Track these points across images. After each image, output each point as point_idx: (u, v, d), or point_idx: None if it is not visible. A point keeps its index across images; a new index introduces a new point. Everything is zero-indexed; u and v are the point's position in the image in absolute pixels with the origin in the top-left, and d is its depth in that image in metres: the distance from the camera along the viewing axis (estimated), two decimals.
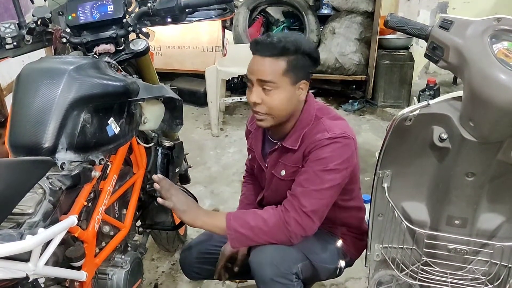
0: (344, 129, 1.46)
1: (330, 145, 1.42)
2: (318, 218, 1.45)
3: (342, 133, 1.44)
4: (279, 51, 1.40)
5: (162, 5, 1.47)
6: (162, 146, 1.73)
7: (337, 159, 1.42)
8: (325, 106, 1.59)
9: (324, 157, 1.42)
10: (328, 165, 1.42)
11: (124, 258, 1.46)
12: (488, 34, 1.08)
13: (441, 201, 1.34)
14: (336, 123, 1.48)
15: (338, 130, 1.44)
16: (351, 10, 3.96)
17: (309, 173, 1.44)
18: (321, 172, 1.42)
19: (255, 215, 1.46)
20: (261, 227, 1.44)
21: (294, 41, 1.41)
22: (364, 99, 4.15)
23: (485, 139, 1.16)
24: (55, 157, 1.17)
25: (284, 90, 1.42)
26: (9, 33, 1.43)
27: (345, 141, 1.43)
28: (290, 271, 1.46)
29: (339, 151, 1.43)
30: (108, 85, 1.28)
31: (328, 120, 1.49)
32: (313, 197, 1.42)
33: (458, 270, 1.40)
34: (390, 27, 1.24)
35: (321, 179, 1.43)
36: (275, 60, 1.40)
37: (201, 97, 4.01)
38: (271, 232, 1.43)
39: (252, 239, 1.45)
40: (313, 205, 1.42)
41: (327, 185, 1.43)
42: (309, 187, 1.43)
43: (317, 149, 1.43)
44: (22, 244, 0.95)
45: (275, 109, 1.44)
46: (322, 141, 1.43)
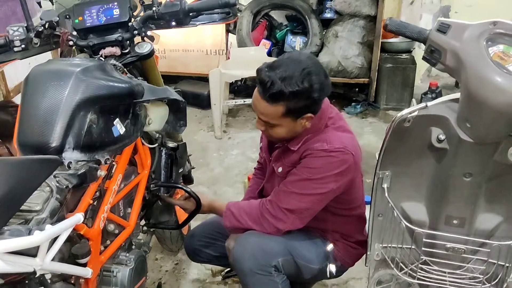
0: (345, 144, 1.46)
1: (324, 158, 1.45)
2: (294, 217, 1.50)
3: (341, 147, 1.45)
4: (275, 99, 1.38)
5: (166, 9, 1.50)
6: (166, 146, 1.76)
7: (325, 172, 1.45)
8: (338, 116, 1.58)
9: (314, 167, 1.46)
10: (315, 175, 1.46)
11: (128, 256, 1.49)
12: (484, 37, 1.10)
13: (440, 201, 1.36)
14: (339, 136, 1.49)
15: (337, 143, 1.45)
16: (354, 14, 3.99)
17: (296, 177, 1.49)
18: (306, 180, 1.47)
19: (246, 201, 1.62)
20: (245, 208, 1.58)
21: (297, 87, 1.35)
22: (366, 102, 4.17)
23: (482, 140, 1.18)
24: (62, 156, 1.20)
25: (285, 126, 1.45)
26: (18, 36, 1.46)
27: (341, 156, 1.45)
28: (269, 264, 1.51)
29: (330, 164, 1.45)
30: (114, 86, 1.31)
31: (333, 131, 1.50)
32: (292, 198, 1.49)
33: (457, 269, 1.42)
34: (390, 30, 1.27)
35: (304, 185, 1.47)
36: (272, 106, 1.40)
37: (205, 100, 4.05)
38: (250, 214, 1.55)
39: (236, 218, 1.58)
40: (290, 205, 1.49)
41: (309, 192, 1.48)
42: (291, 189, 1.49)
43: (310, 157, 1.47)
44: (30, 239, 0.98)
45: (277, 138, 1.52)
46: (318, 151, 1.46)
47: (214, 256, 1.82)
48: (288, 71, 1.36)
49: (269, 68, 1.39)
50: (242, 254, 1.52)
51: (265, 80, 1.37)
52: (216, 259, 1.84)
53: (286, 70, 1.37)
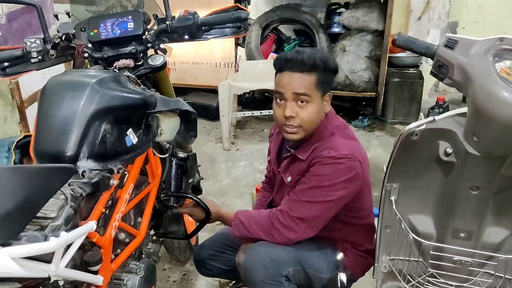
0: (352, 151, 1.49)
1: (332, 165, 1.47)
2: (306, 225, 1.51)
3: (348, 154, 1.48)
4: (310, 67, 1.48)
5: (180, 23, 1.53)
6: (177, 157, 1.78)
7: (334, 179, 1.47)
8: (344, 124, 1.62)
9: (323, 175, 1.48)
10: (324, 182, 1.48)
11: (138, 265, 1.50)
12: (491, 53, 1.13)
13: (447, 214, 1.37)
14: (346, 143, 1.52)
15: (345, 150, 1.48)
16: (361, 29, 4.03)
17: (306, 185, 1.51)
18: (315, 187, 1.49)
19: (256, 210, 1.63)
20: (255, 218, 1.59)
21: (321, 57, 1.49)
22: (374, 116, 4.19)
23: (489, 153, 1.20)
24: (77, 165, 1.22)
25: (316, 103, 1.50)
26: (35, 47, 1.49)
27: (348, 163, 1.47)
28: (280, 273, 1.52)
29: (339, 171, 1.47)
30: (128, 97, 1.34)
31: (340, 138, 1.53)
32: (302, 206, 1.51)
33: (464, 282, 1.43)
34: (398, 45, 1.30)
35: (314, 193, 1.49)
36: (308, 75, 1.48)
37: (213, 112, 4.09)
38: (260, 224, 1.57)
39: (246, 227, 1.59)
40: (300, 213, 1.51)
41: (318, 199, 1.49)
42: (301, 197, 1.51)
43: (319, 165, 1.49)
44: (46, 245, 1.00)
45: (307, 121, 1.51)
46: (326, 159, 1.48)
47: (222, 270, 1.83)
48: (309, 51, 1.52)
49: (296, 52, 1.52)
50: (253, 265, 1.53)
51: (295, 56, 1.49)
52: (225, 272, 1.85)
53: (307, 50, 1.52)
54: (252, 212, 1.65)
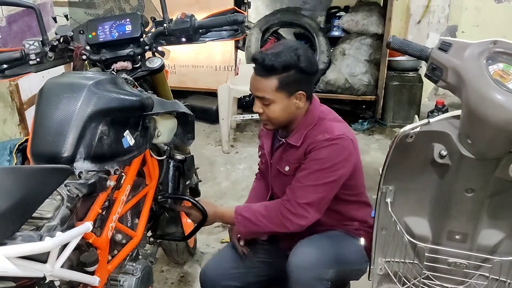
0: (343, 131, 1.57)
1: (328, 147, 1.54)
2: (314, 209, 1.57)
3: (341, 134, 1.55)
4: (268, 72, 1.51)
5: (177, 25, 1.55)
6: (174, 159, 1.79)
7: (333, 159, 1.54)
8: (328, 109, 1.68)
9: (322, 158, 1.55)
10: (324, 165, 1.54)
11: (135, 266, 1.50)
12: (484, 56, 1.14)
13: (442, 216, 1.38)
14: (336, 125, 1.59)
15: (337, 131, 1.55)
16: (361, 32, 4.04)
17: (307, 171, 1.56)
18: (318, 171, 1.55)
19: (259, 204, 1.67)
20: (261, 211, 1.62)
21: (285, 59, 1.50)
22: (373, 119, 4.19)
23: (483, 156, 1.21)
24: (73, 166, 1.23)
25: (280, 103, 1.55)
26: (33, 49, 1.50)
27: (342, 142, 1.55)
28: (325, 277, 1.57)
29: (336, 152, 1.54)
30: (125, 99, 1.35)
31: (329, 122, 1.60)
32: (308, 191, 1.56)
33: (459, 284, 1.43)
34: (392, 48, 1.31)
35: (317, 176, 1.55)
36: (267, 79, 1.52)
37: (213, 115, 4.09)
38: (269, 216, 1.60)
39: (253, 222, 1.62)
40: (308, 198, 1.55)
41: (322, 181, 1.55)
42: (305, 182, 1.56)
43: (316, 150, 1.55)
44: (41, 245, 1.01)
45: (273, 118, 1.58)
46: (322, 142, 1.55)
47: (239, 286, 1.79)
48: (277, 49, 1.53)
49: (261, 51, 1.56)
50: (299, 266, 1.56)
51: (258, 57, 1.52)
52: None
53: (276, 49, 1.54)
54: (255, 206, 1.67)
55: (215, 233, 2.62)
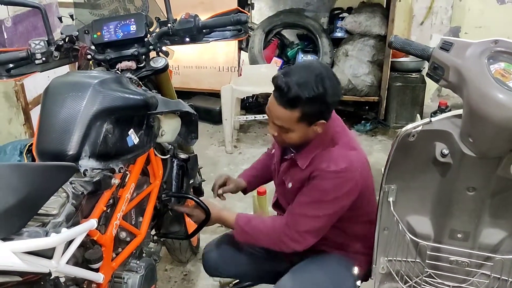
0: (351, 162, 1.49)
1: (332, 179, 1.48)
2: (311, 236, 1.55)
3: (346, 167, 1.48)
4: (292, 104, 1.42)
5: (181, 25, 1.56)
6: (178, 158, 1.80)
7: (336, 192, 1.49)
8: (344, 130, 1.60)
9: (324, 189, 1.50)
10: (326, 197, 1.50)
11: (139, 264, 1.52)
12: (485, 55, 1.15)
13: (444, 215, 1.39)
14: (345, 154, 1.51)
15: (343, 163, 1.48)
16: (364, 34, 4.05)
17: (308, 199, 1.53)
18: (319, 201, 1.51)
19: (260, 219, 1.65)
20: (260, 228, 1.62)
21: (312, 92, 1.40)
22: (376, 120, 4.20)
23: (484, 154, 1.22)
24: (79, 164, 1.24)
25: (299, 132, 1.48)
26: (39, 49, 1.52)
27: (347, 176, 1.48)
28: None
29: (339, 185, 1.49)
30: (130, 98, 1.36)
31: (339, 149, 1.52)
32: (308, 220, 1.53)
33: (461, 283, 1.44)
34: (394, 48, 1.32)
35: (318, 206, 1.51)
36: (289, 111, 1.43)
37: (216, 115, 4.11)
38: (267, 235, 1.60)
39: (251, 236, 1.63)
40: (307, 227, 1.53)
41: (323, 212, 1.52)
42: (305, 211, 1.53)
43: (319, 179, 1.50)
44: (47, 240, 1.02)
45: (289, 142, 1.54)
46: (326, 173, 1.48)
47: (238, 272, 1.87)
48: (303, 77, 1.41)
49: (284, 74, 1.43)
50: None
51: (282, 86, 1.41)
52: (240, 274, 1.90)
53: (301, 76, 1.41)
54: (256, 221, 1.65)
55: (218, 233, 2.62)
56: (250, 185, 1.96)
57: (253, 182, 1.97)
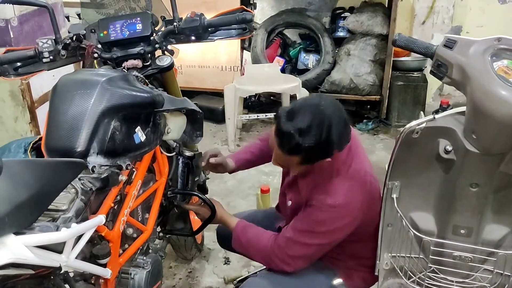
0: (351, 197, 1.45)
1: (327, 212, 1.46)
2: (302, 261, 1.56)
3: (344, 202, 1.44)
4: (292, 151, 1.37)
5: (187, 24, 1.58)
6: (183, 155, 1.82)
7: (330, 225, 1.47)
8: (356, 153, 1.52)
9: (318, 220, 1.48)
10: (320, 228, 1.48)
11: (145, 260, 1.53)
12: (489, 52, 1.16)
13: (447, 211, 1.40)
14: (347, 187, 1.46)
15: (341, 197, 1.44)
16: (366, 33, 4.06)
17: (302, 225, 1.51)
18: (311, 231, 1.50)
19: (256, 232, 1.64)
20: (254, 243, 1.62)
21: (314, 140, 1.32)
22: (378, 119, 4.21)
23: (487, 151, 1.23)
24: (87, 160, 1.26)
25: (301, 169, 1.48)
26: (47, 47, 1.53)
27: (344, 211, 1.45)
28: None
29: (335, 219, 1.47)
30: (137, 96, 1.38)
31: (342, 180, 1.46)
32: (299, 246, 1.52)
33: (465, 278, 1.45)
34: (398, 46, 1.33)
35: (310, 235, 1.50)
36: (288, 156, 1.40)
37: (219, 114, 4.13)
38: (260, 252, 1.61)
39: (245, 247, 1.65)
40: (298, 252, 1.53)
41: (315, 242, 1.51)
42: (298, 238, 1.52)
43: (315, 209, 1.48)
44: (58, 235, 1.04)
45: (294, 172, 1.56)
46: (322, 206, 1.46)
47: None
48: (306, 121, 1.32)
49: (287, 116, 1.35)
50: None
51: (283, 131, 1.35)
52: None
53: (305, 120, 1.32)
54: (251, 234, 1.63)
55: None
56: (239, 168, 1.91)
57: (244, 166, 1.91)
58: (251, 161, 1.91)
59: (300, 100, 1.44)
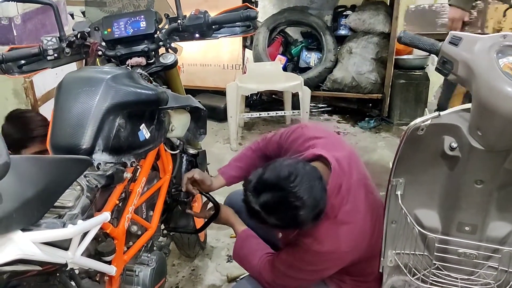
0: (338, 244, 1.41)
1: (312, 257, 1.44)
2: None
3: (331, 250, 1.41)
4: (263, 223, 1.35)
5: (191, 21, 1.58)
6: (187, 153, 1.82)
7: (316, 266, 1.46)
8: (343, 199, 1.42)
9: (304, 260, 1.46)
10: (305, 267, 1.46)
11: (150, 257, 1.53)
12: (494, 49, 1.16)
13: (452, 208, 1.40)
14: (334, 233, 1.41)
15: (327, 245, 1.40)
16: (367, 31, 4.07)
17: (289, 259, 1.49)
18: (298, 267, 1.48)
19: (251, 250, 1.63)
20: (248, 261, 1.62)
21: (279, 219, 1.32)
22: (380, 117, 4.21)
23: (492, 147, 1.23)
24: (92, 157, 1.26)
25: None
26: (51, 45, 1.53)
27: (331, 257, 1.43)
28: None
29: (320, 263, 1.45)
30: (141, 93, 1.38)
31: (330, 225, 1.41)
32: (288, 278, 1.51)
33: (469, 275, 1.45)
34: (403, 43, 1.33)
35: (297, 271, 1.49)
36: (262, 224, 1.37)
37: (221, 113, 4.13)
38: (252, 268, 1.61)
39: (242, 263, 1.67)
40: (285, 282, 1.53)
41: (303, 276, 1.49)
42: (285, 270, 1.50)
43: (302, 251, 1.45)
44: (65, 231, 1.04)
45: None
46: (309, 250, 1.43)
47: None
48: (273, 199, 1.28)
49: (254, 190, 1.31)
50: None
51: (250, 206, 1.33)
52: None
53: (272, 197, 1.28)
54: (248, 250, 1.63)
55: (225, 228, 2.64)
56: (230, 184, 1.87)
57: (234, 182, 1.89)
58: (240, 176, 1.86)
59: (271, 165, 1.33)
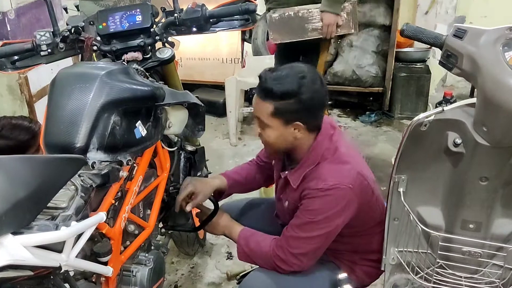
0: (340, 178, 1.44)
1: (321, 198, 1.44)
2: (307, 258, 1.51)
3: (336, 184, 1.42)
4: (266, 95, 1.43)
5: (188, 15, 1.54)
6: (185, 150, 1.79)
7: (326, 211, 1.44)
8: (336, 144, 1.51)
9: (314, 209, 1.45)
10: (317, 217, 1.45)
11: (147, 257, 1.51)
12: (500, 42, 1.12)
13: (456, 205, 1.37)
14: (335, 170, 1.46)
15: (332, 180, 1.43)
16: (368, 24, 4.02)
17: (300, 220, 1.49)
18: (310, 222, 1.46)
19: (257, 241, 1.59)
20: (256, 252, 1.57)
21: (286, 86, 1.40)
22: (381, 111, 4.18)
23: (498, 143, 1.20)
24: (87, 156, 1.24)
25: (275, 130, 1.46)
26: (45, 40, 1.50)
27: (337, 193, 1.43)
28: None
29: (329, 203, 1.44)
30: (137, 89, 1.35)
31: (329, 164, 1.47)
32: (301, 242, 1.49)
33: (473, 273, 1.43)
34: (406, 36, 1.30)
35: (310, 227, 1.47)
36: (263, 102, 1.44)
37: (220, 108, 4.09)
38: (262, 258, 1.56)
39: (251, 258, 1.60)
40: (301, 249, 1.49)
41: (316, 233, 1.47)
42: (298, 233, 1.48)
43: (308, 199, 1.46)
44: (57, 234, 1.01)
45: (268, 143, 1.51)
46: (314, 191, 1.44)
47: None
48: (283, 73, 1.43)
49: (269, 69, 1.47)
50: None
51: (261, 76, 1.45)
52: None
53: (282, 72, 1.43)
54: (253, 243, 1.59)
55: None
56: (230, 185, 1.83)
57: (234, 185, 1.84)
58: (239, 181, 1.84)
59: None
